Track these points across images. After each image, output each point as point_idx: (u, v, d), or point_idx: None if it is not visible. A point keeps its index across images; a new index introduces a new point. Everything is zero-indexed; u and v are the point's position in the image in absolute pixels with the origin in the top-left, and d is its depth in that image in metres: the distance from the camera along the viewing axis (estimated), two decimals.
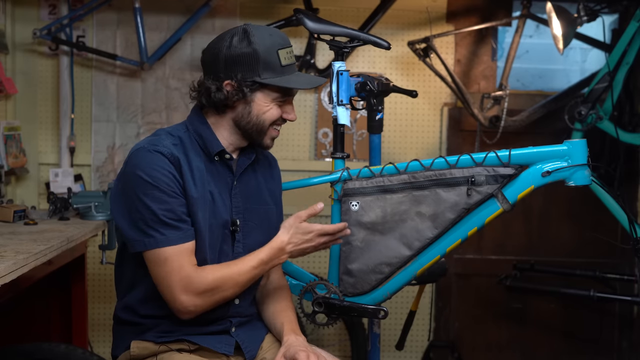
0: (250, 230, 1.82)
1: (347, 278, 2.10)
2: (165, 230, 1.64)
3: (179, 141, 1.74)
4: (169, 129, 1.79)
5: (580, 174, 1.94)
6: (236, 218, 1.78)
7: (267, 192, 1.90)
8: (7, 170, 2.86)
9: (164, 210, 1.64)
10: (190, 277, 1.65)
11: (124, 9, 3.07)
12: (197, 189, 1.70)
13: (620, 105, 3.03)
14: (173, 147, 1.70)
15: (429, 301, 3.23)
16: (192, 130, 1.78)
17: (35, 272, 1.97)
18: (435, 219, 2.03)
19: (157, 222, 1.64)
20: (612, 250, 3.15)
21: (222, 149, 1.77)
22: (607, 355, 3.31)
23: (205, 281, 1.65)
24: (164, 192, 1.64)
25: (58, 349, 2.31)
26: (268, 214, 1.88)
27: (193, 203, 1.69)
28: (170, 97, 3.13)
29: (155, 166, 1.65)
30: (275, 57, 1.71)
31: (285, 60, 1.73)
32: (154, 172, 1.65)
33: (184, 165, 1.69)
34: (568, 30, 2.80)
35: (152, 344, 1.73)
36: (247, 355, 1.78)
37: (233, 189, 1.80)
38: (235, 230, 1.78)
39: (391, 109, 3.20)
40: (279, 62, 1.72)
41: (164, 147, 1.68)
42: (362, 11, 3.09)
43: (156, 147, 1.67)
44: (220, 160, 1.78)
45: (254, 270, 1.72)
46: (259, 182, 1.88)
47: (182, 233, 1.66)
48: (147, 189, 1.64)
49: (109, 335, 3.21)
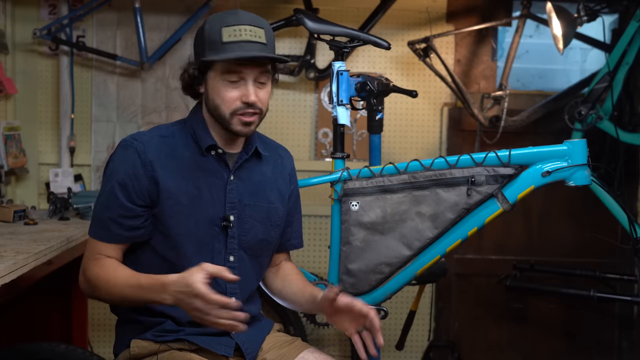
0: (250, 227, 1.81)
1: (347, 278, 2.10)
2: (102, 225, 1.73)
3: (170, 134, 1.77)
4: (170, 123, 1.84)
5: (580, 174, 1.94)
6: (229, 214, 1.77)
7: (275, 190, 1.87)
8: (7, 170, 2.86)
9: (110, 207, 1.72)
10: (87, 264, 1.74)
11: (124, 9, 3.07)
12: (175, 183, 1.72)
13: (620, 105, 3.03)
14: (156, 140, 1.74)
15: (429, 301, 3.23)
16: (189, 124, 1.79)
17: (35, 272, 1.97)
18: (435, 219, 2.03)
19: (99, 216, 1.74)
20: (612, 250, 3.15)
21: (212, 143, 1.76)
22: (607, 355, 3.31)
23: (88, 273, 1.72)
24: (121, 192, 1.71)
25: (58, 349, 2.31)
26: (270, 211, 1.85)
27: (168, 197, 1.71)
28: (170, 97, 3.13)
29: (125, 160, 1.72)
30: (217, 35, 1.68)
31: (229, 37, 1.67)
32: (121, 169, 1.71)
33: (162, 161, 1.72)
34: (568, 30, 2.80)
35: (152, 343, 1.73)
36: (247, 357, 1.77)
37: (229, 183, 1.78)
38: (228, 226, 1.76)
39: (391, 109, 3.20)
40: (219, 39, 1.68)
41: (141, 142, 1.73)
42: (362, 11, 3.09)
43: (132, 142, 1.73)
44: (216, 155, 1.78)
45: (128, 288, 1.65)
46: (264, 179, 1.85)
47: (109, 234, 1.72)
48: (110, 181, 1.72)
49: (109, 335, 3.23)
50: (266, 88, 1.75)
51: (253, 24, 1.70)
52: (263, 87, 1.74)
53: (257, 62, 1.70)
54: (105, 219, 1.72)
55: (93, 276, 1.71)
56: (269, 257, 1.91)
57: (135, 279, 1.65)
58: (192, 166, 1.75)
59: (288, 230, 1.95)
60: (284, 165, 1.93)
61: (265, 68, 1.73)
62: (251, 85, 1.70)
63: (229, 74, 1.69)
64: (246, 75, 1.69)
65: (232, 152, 1.81)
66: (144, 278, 1.64)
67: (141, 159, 1.71)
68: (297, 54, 3.11)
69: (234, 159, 1.80)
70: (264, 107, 1.74)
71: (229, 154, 1.80)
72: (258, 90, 1.72)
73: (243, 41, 1.67)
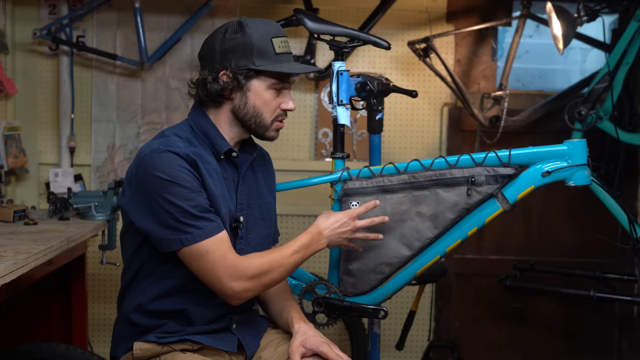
0: (253, 225, 1.83)
1: (347, 278, 2.10)
2: (200, 223, 1.64)
3: (188, 142, 1.73)
4: (174, 131, 1.77)
5: (580, 174, 1.94)
6: (240, 215, 1.79)
7: (266, 186, 1.92)
8: (7, 170, 2.86)
9: (192, 205, 1.64)
10: (236, 264, 1.67)
11: (124, 9, 3.07)
12: (216, 187, 1.72)
13: (620, 105, 3.03)
14: (185, 148, 1.69)
15: (429, 301, 3.23)
16: (198, 129, 1.78)
17: (35, 272, 1.97)
18: (435, 219, 2.02)
19: (189, 217, 1.64)
20: (612, 250, 3.15)
21: (229, 148, 1.77)
22: (607, 355, 3.31)
23: (252, 266, 1.68)
24: (187, 189, 1.64)
25: (58, 349, 2.31)
26: (269, 206, 1.91)
27: (215, 200, 1.70)
28: (170, 97, 3.13)
29: (173, 165, 1.65)
30: (269, 45, 1.72)
31: (280, 49, 1.74)
32: (173, 171, 1.64)
33: (200, 165, 1.69)
34: (568, 30, 2.80)
35: (155, 345, 1.73)
36: (248, 352, 1.79)
37: (239, 185, 1.81)
38: (238, 227, 1.78)
39: (391, 109, 3.20)
40: (273, 50, 1.72)
41: (178, 147, 1.68)
42: (362, 11, 3.09)
43: (170, 148, 1.67)
44: (226, 158, 1.79)
45: (297, 254, 1.76)
46: (257, 178, 1.89)
47: (215, 224, 1.67)
48: (170, 187, 1.63)
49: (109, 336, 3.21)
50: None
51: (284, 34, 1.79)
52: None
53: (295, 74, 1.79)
54: (195, 215, 1.64)
55: (264, 263, 1.70)
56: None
57: (297, 243, 1.77)
58: (216, 169, 1.75)
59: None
60: (265, 160, 1.98)
61: None
62: (290, 93, 1.80)
63: (280, 83, 1.76)
64: (289, 86, 1.79)
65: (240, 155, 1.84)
66: (302, 238, 1.79)
67: (185, 159, 1.67)
68: (297, 54, 3.11)
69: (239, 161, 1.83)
70: None
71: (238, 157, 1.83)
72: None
73: (289, 53, 1.77)
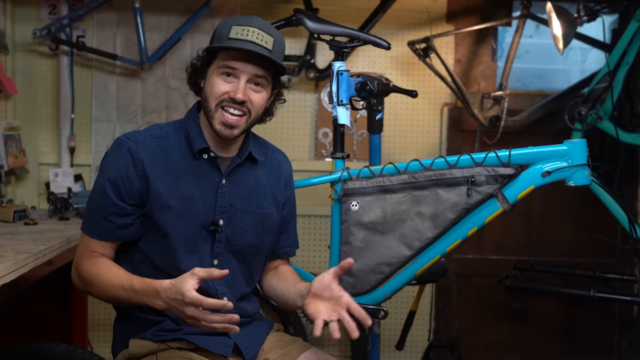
0: (241, 232, 1.80)
1: (347, 278, 2.10)
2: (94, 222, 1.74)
3: (164, 135, 1.77)
4: (166, 123, 1.84)
5: (580, 174, 1.94)
6: (219, 218, 1.76)
7: (269, 196, 1.87)
8: (7, 170, 2.86)
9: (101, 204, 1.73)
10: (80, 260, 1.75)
11: (124, 9, 3.07)
12: (166, 184, 1.72)
13: (620, 105, 3.03)
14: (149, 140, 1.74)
15: (429, 301, 3.23)
16: (184, 127, 1.79)
17: (35, 272, 1.97)
18: (435, 219, 2.02)
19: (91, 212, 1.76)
20: (612, 250, 3.15)
21: (204, 146, 1.76)
22: (607, 355, 3.31)
23: (82, 270, 1.74)
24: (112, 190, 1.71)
25: (58, 349, 2.31)
26: (263, 217, 1.84)
27: (158, 198, 1.71)
28: (170, 97, 3.13)
29: (116, 163, 1.73)
30: (226, 30, 1.71)
31: (236, 35, 1.69)
32: (113, 167, 1.72)
33: (154, 161, 1.72)
34: (568, 30, 2.80)
35: (151, 343, 1.73)
36: (246, 356, 1.78)
37: (220, 187, 1.78)
38: (216, 230, 1.76)
39: (391, 109, 3.20)
40: (227, 35, 1.70)
41: (134, 142, 1.73)
42: (362, 11, 3.09)
43: (127, 142, 1.73)
44: (208, 158, 1.77)
45: (122, 290, 1.66)
46: (259, 184, 1.85)
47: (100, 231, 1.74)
48: (102, 178, 1.73)
49: (109, 335, 3.22)
50: (261, 93, 1.75)
51: (263, 30, 1.72)
52: (258, 91, 1.74)
53: (254, 62, 1.70)
54: (97, 216, 1.74)
55: (87, 274, 1.72)
56: (261, 263, 1.90)
57: (128, 282, 1.65)
58: (184, 168, 1.75)
59: (282, 237, 1.95)
60: (280, 170, 1.92)
61: (264, 72, 1.73)
62: (243, 83, 1.71)
63: (225, 67, 1.70)
64: (240, 73, 1.70)
65: (226, 156, 1.80)
66: (137, 282, 1.64)
67: (133, 158, 1.72)
68: (297, 54, 3.11)
69: (227, 163, 1.80)
70: (253, 109, 1.74)
71: (222, 157, 1.80)
72: (250, 91, 1.73)
73: (248, 41, 1.68)
